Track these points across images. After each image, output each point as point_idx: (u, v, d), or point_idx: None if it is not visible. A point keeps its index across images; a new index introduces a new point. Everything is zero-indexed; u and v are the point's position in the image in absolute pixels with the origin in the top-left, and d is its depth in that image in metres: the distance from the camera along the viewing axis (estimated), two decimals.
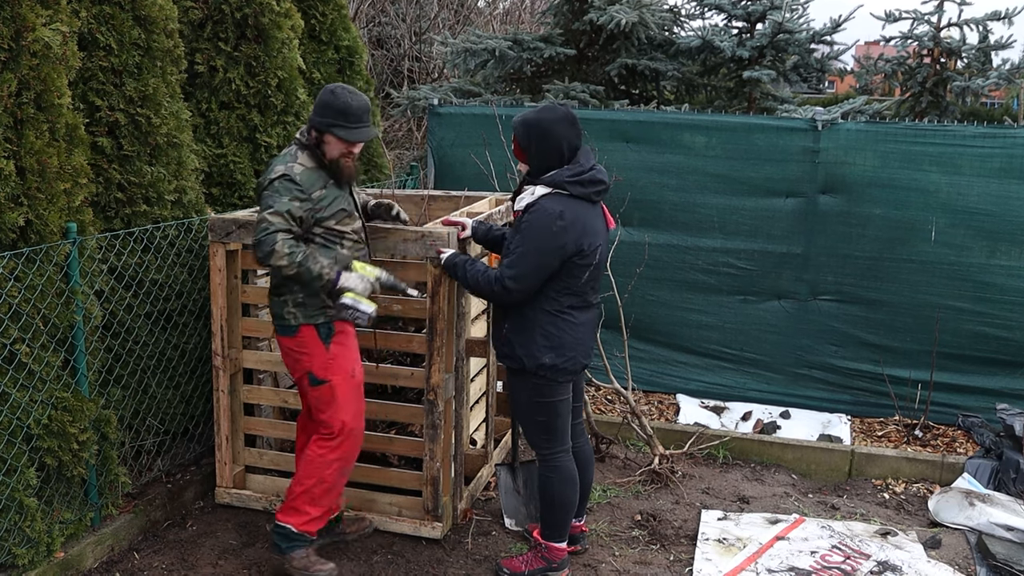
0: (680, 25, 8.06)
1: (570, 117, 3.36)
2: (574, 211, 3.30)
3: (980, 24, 7.80)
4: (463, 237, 3.75)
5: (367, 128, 3.45)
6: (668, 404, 5.62)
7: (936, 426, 5.24)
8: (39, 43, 3.18)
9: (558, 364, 3.41)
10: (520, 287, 3.31)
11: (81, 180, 3.44)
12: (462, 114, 5.94)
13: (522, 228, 3.33)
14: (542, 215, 3.28)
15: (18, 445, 3.27)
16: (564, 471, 3.56)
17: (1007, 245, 5.02)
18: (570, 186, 3.32)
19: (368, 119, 3.44)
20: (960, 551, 3.96)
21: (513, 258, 3.32)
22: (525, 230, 3.31)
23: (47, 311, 3.35)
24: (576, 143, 3.37)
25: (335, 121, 3.37)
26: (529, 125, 3.36)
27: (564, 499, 3.57)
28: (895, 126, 5.29)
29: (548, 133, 3.33)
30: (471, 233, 3.77)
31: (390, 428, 4.16)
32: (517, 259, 3.30)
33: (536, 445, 3.60)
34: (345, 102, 3.36)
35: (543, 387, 3.45)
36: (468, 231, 3.76)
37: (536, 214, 3.30)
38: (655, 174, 5.50)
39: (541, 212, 3.29)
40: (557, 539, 3.62)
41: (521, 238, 3.32)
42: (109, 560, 3.70)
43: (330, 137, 3.39)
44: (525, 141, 3.38)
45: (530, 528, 3.95)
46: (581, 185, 3.33)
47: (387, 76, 10.36)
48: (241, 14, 4.46)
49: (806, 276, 5.37)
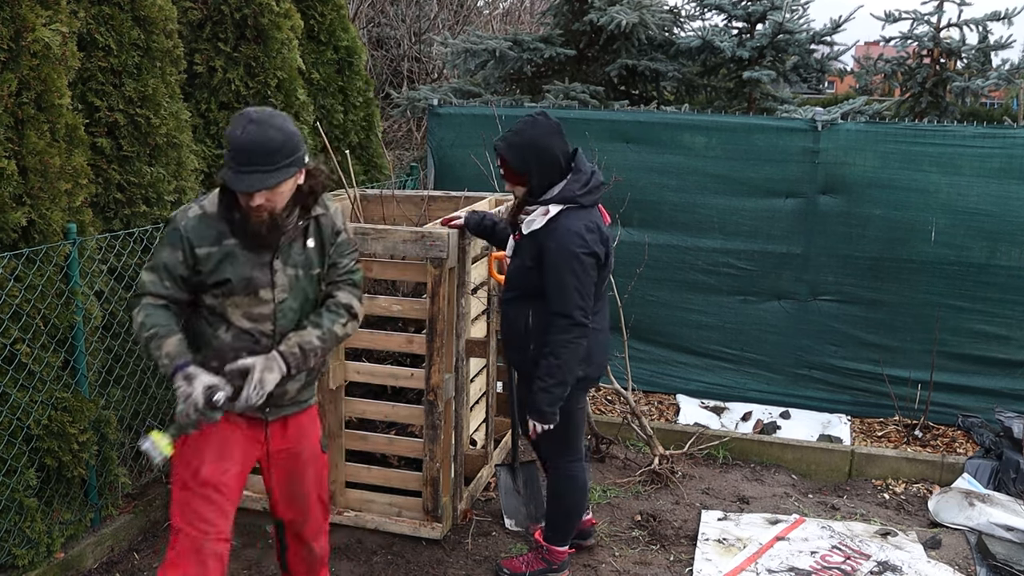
0: (680, 26, 8.06)
1: (556, 126, 3.25)
2: (591, 220, 3.24)
3: (980, 24, 7.80)
4: (455, 227, 3.72)
5: (252, 175, 2.42)
6: (668, 404, 5.62)
7: (936, 426, 5.24)
8: (39, 43, 3.18)
9: (589, 374, 3.37)
10: (588, 311, 3.19)
11: (81, 181, 3.44)
12: (462, 115, 5.94)
13: (553, 259, 3.15)
14: (569, 237, 3.15)
15: (18, 446, 3.27)
16: (578, 480, 3.54)
17: (1007, 245, 5.02)
18: (582, 198, 3.23)
19: (263, 161, 2.42)
20: (960, 551, 3.96)
21: (565, 294, 3.15)
22: (558, 259, 3.14)
23: (47, 311, 3.35)
24: (567, 150, 3.28)
25: (226, 158, 2.48)
26: (523, 148, 3.21)
27: (575, 507, 3.57)
28: (895, 126, 5.29)
29: (545, 150, 3.21)
30: (464, 223, 3.74)
31: (390, 429, 4.16)
32: (568, 291, 3.14)
33: (551, 456, 3.55)
34: (232, 133, 2.45)
35: (569, 400, 3.35)
36: (461, 220, 3.75)
37: (561, 238, 3.15)
38: (655, 174, 5.50)
39: (565, 234, 3.16)
40: (560, 543, 3.62)
41: (559, 270, 3.15)
42: (109, 561, 3.70)
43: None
44: (521, 165, 3.22)
45: (531, 528, 3.95)
46: (591, 193, 3.26)
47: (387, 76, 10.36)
48: (241, 15, 4.46)
49: (806, 276, 5.37)
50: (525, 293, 3.33)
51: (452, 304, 3.82)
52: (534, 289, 3.28)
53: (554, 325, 3.19)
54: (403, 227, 3.85)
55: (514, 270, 3.40)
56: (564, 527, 3.61)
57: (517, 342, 3.41)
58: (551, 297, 3.20)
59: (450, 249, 3.70)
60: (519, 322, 3.36)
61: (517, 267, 3.36)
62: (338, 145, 5.40)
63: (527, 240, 3.29)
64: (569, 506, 3.56)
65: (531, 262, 3.25)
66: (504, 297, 3.49)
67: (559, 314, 3.18)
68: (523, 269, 3.31)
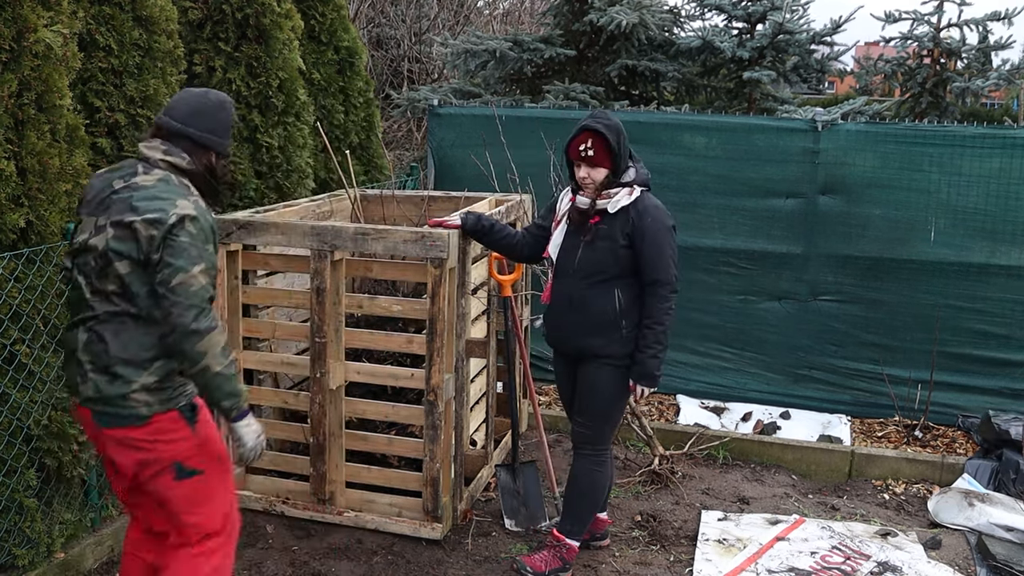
0: (680, 26, 8.06)
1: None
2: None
3: (980, 25, 7.80)
4: (449, 227, 3.74)
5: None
6: (668, 405, 5.62)
7: (936, 426, 5.24)
8: (40, 44, 3.18)
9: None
10: (678, 281, 3.46)
11: (82, 181, 3.43)
12: (462, 115, 5.94)
13: (652, 232, 3.37)
14: (659, 212, 3.42)
15: (18, 446, 3.27)
16: (607, 469, 3.67)
17: (1007, 245, 5.02)
18: (649, 181, 3.51)
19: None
20: (960, 552, 3.96)
21: (664, 263, 3.38)
22: (658, 232, 3.38)
23: (47, 312, 3.35)
24: None
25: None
26: (617, 130, 3.40)
27: (599, 496, 3.69)
28: (895, 127, 5.29)
29: (624, 136, 3.42)
30: (460, 224, 3.76)
31: (390, 429, 4.16)
32: (668, 261, 3.39)
33: (602, 441, 3.62)
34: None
35: (622, 380, 3.51)
36: (455, 222, 3.76)
37: (654, 212, 3.40)
38: (655, 174, 5.36)
39: (656, 210, 3.41)
40: (577, 536, 3.66)
41: (660, 242, 3.38)
42: (109, 561, 3.70)
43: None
44: (617, 146, 3.39)
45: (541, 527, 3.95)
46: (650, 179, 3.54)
47: (387, 77, 10.36)
48: (243, 14, 4.46)
49: (806, 276, 5.37)
50: (612, 276, 3.43)
51: (452, 304, 3.82)
52: (623, 270, 3.42)
53: (656, 295, 3.38)
54: (403, 227, 3.85)
55: (598, 254, 3.43)
56: (582, 516, 3.65)
57: (604, 326, 3.45)
58: (653, 268, 3.38)
59: (450, 249, 3.70)
60: (608, 304, 3.44)
61: (603, 250, 3.42)
62: (338, 145, 5.40)
63: (612, 220, 3.41)
64: (596, 491, 3.64)
65: (625, 240, 3.39)
66: (576, 283, 3.48)
67: (661, 283, 3.38)
68: (611, 250, 3.40)
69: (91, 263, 2.56)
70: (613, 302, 3.43)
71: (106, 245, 2.53)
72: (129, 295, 2.54)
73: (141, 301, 2.54)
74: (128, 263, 2.52)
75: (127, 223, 2.51)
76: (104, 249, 2.53)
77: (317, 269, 3.80)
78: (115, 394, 2.53)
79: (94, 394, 2.55)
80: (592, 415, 3.57)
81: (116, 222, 2.53)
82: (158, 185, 2.57)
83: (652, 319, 3.40)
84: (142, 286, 2.53)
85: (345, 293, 3.92)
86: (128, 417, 2.55)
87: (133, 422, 2.56)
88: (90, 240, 2.56)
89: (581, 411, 3.58)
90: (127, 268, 2.52)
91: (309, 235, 3.80)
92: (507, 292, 4.17)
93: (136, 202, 2.53)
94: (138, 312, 2.54)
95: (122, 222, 2.52)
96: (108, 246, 2.52)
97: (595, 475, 3.60)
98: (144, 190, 2.56)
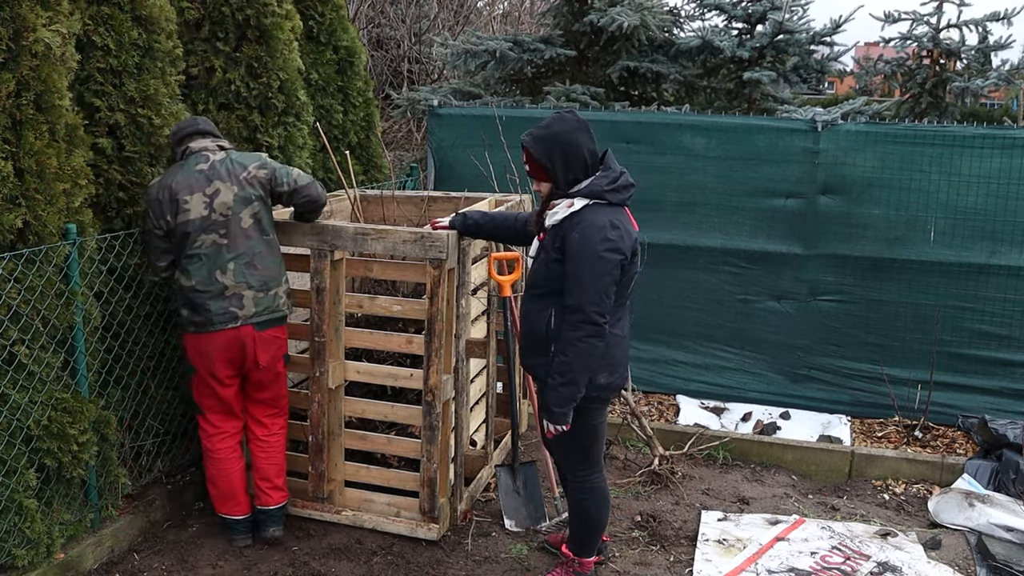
0: (680, 26, 8.06)
1: (583, 123, 3.20)
2: (617, 218, 3.14)
3: (979, 25, 7.79)
4: (437, 228, 3.73)
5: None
6: (668, 405, 5.62)
7: (936, 427, 5.24)
8: (39, 44, 3.17)
9: (612, 382, 3.29)
10: (604, 311, 3.08)
11: (81, 181, 3.43)
12: (462, 115, 5.95)
13: (574, 250, 3.08)
14: (592, 229, 3.07)
15: (18, 446, 3.26)
16: (599, 492, 3.49)
17: (1007, 245, 5.03)
18: (609, 194, 3.15)
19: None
20: (960, 552, 3.96)
21: (580, 287, 3.06)
22: (580, 251, 3.06)
23: (47, 312, 3.34)
24: (594, 148, 3.22)
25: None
26: (548, 141, 3.17)
27: (599, 519, 3.53)
28: (895, 127, 5.29)
29: (570, 145, 3.16)
30: (449, 226, 3.73)
31: (390, 429, 4.16)
32: (584, 285, 3.05)
33: (573, 469, 3.48)
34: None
35: (592, 410, 3.31)
36: (445, 221, 3.75)
37: (585, 230, 3.08)
38: (656, 175, 5.50)
39: (589, 227, 3.08)
40: (588, 555, 3.61)
41: (579, 262, 3.07)
42: (109, 561, 3.70)
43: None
44: (546, 159, 3.17)
45: (552, 541, 3.91)
46: (618, 192, 3.17)
47: (387, 77, 10.36)
48: (243, 15, 4.46)
49: (806, 276, 5.37)
50: (548, 291, 3.22)
51: (451, 305, 3.81)
52: (558, 286, 3.17)
53: (566, 321, 3.11)
54: (403, 228, 3.85)
55: (537, 267, 3.29)
56: (587, 539, 3.57)
57: (538, 345, 3.27)
58: (567, 290, 3.11)
59: (450, 250, 3.70)
60: (540, 322, 3.25)
61: (541, 263, 3.26)
62: (338, 145, 5.40)
63: (551, 234, 3.21)
64: (591, 516, 3.51)
65: (556, 254, 3.17)
66: (524, 297, 3.39)
67: (572, 308, 3.09)
68: (546, 264, 3.21)
69: (220, 219, 3.57)
70: (547, 319, 3.22)
71: (233, 197, 3.59)
72: (262, 228, 3.68)
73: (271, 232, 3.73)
74: (259, 203, 3.66)
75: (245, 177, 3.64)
76: (233, 199, 3.59)
77: (317, 269, 3.80)
78: (270, 304, 3.67)
79: (257, 308, 3.63)
80: (554, 444, 3.45)
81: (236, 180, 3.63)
82: (242, 152, 3.73)
83: (558, 346, 3.15)
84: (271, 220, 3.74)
85: (345, 293, 3.92)
86: (280, 319, 3.74)
87: (281, 321, 3.75)
88: (215, 201, 3.57)
89: (544, 439, 3.44)
90: (260, 206, 3.67)
91: (309, 235, 3.81)
92: (507, 292, 4.16)
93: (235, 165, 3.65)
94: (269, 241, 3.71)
95: (239, 177, 3.63)
96: (236, 196, 3.60)
97: (583, 504, 3.49)
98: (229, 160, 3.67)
